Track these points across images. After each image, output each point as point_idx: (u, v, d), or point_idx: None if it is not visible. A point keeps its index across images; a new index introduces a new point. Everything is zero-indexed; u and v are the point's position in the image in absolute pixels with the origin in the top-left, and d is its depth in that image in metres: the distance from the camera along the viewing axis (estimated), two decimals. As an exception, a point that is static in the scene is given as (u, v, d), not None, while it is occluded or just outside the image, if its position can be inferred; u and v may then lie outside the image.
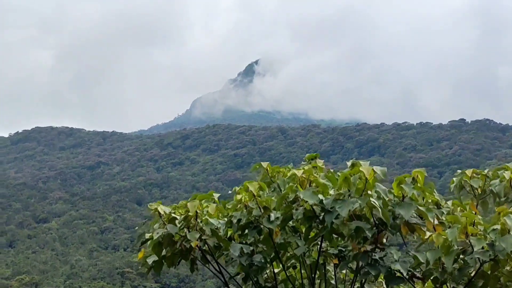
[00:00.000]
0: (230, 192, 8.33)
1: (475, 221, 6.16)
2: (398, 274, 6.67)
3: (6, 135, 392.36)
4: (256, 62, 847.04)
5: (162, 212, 7.70)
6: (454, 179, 7.05)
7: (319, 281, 8.62)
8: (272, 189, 7.91)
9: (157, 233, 7.49)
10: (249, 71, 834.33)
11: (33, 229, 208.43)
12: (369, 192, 6.83)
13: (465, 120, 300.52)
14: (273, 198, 7.55)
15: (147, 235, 7.95)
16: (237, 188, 7.93)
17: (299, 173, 7.36)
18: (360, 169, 6.83)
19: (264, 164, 8.04)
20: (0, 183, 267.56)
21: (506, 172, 7.02)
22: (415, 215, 6.70)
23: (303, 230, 7.49)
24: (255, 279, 8.46)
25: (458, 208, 6.97)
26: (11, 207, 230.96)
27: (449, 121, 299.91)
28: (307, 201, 7.02)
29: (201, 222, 7.61)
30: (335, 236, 7.37)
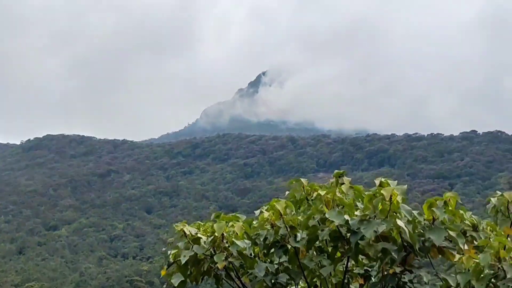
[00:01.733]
0: (256, 212, 8.14)
1: (507, 246, 6.11)
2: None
3: (18, 143, 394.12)
4: (263, 73, 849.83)
5: (187, 232, 7.72)
6: (492, 199, 6.98)
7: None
8: (305, 206, 7.74)
9: (184, 255, 7.49)
10: (257, 82, 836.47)
11: (43, 236, 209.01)
12: (396, 213, 6.79)
13: (476, 131, 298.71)
14: (299, 217, 7.54)
15: (170, 253, 7.98)
16: (264, 208, 7.86)
17: (323, 193, 7.33)
18: (382, 191, 6.77)
19: (304, 181, 7.85)
20: (11, 190, 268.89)
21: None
22: (445, 238, 6.66)
23: (329, 250, 7.47)
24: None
25: (488, 229, 6.90)
26: (21, 214, 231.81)
27: (460, 133, 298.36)
28: (333, 221, 7.00)
29: (227, 242, 7.61)
30: (361, 256, 7.34)
